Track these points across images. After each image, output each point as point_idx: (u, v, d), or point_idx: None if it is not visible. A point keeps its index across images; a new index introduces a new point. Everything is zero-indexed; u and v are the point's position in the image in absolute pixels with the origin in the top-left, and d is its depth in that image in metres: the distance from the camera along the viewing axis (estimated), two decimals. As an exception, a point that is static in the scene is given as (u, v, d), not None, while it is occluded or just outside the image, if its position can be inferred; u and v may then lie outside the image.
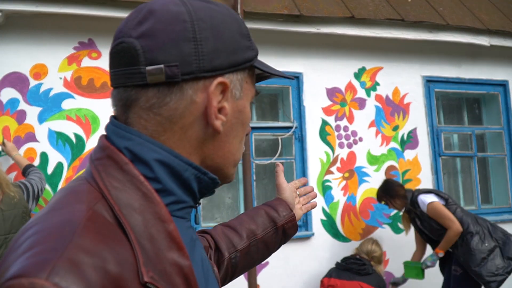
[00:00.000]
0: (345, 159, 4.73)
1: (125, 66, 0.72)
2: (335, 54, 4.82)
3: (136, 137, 0.72)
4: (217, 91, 0.73)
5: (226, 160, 0.80)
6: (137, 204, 0.67)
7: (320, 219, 4.58)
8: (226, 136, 0.78)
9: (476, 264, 3.84)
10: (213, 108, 0.73)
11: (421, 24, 4.82)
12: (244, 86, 0.79)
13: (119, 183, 0.69)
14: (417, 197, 4.10)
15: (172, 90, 0.71)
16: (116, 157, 0.71)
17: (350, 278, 4.00)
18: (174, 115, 0.72)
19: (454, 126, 5.49)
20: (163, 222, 0.68)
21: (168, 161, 0.72)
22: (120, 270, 0.59)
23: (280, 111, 4.85)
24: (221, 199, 4.68)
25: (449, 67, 5.31)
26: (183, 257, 0.68)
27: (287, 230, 1.27)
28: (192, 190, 0.76)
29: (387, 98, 4.99)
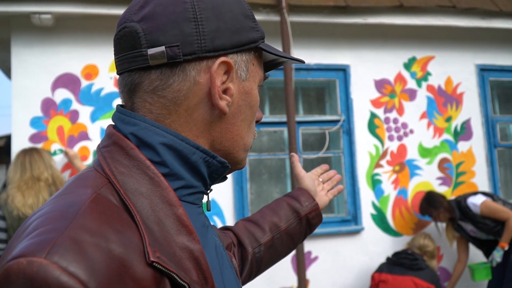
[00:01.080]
0: (395, 152, 4.62)
1: (127, 50, 0.72)
2: (384, 45, 4.71)
3: (141, 121, 0.71)
4: (220, 71, 0.72)
5: (235, 144, 0.78)
6: (144, 188, 0.67)
7: (370, 213, 4.50)
8: (234, 118, 0.77)
9: None
10: (217, 88, 0.72)
11: (473, 10, 4.64)
12: (250, 67, 0.78)
13: (125, 168, 0.68)
14: (466, 201, 4.09)
15: (175, 72, 0.71)
16: (122, 143, 0.71)
17: (402, 273, 3.91)
18: (178, 96, 0.71)
19: (510, 116, 5.26)
20: (171, 206, 0.67)
21: (174, 145, 0.71)
22: (124, 250, 0.58)
23: (327, 105, 4.79)
24: (269, 194, 4.68)
25: (503, 54, 5.09)
26: (193, 241, 0.67)
27: (311, 220, 1.24)
28: (201, 174, 0.75)
29: (439, 88, 4.83)
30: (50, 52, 3.95)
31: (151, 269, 0.60)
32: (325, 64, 4.51)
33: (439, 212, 4.16)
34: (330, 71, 4.57)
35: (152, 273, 0.60)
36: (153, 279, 0.60)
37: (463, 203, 4.09)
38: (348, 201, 4.46)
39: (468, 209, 4.05)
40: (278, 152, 4.50)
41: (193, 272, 0.65)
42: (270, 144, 4.64)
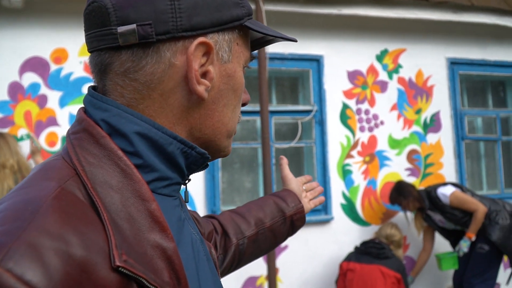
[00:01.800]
0: (366, 143, 4.68)
1: (97, 27, 0.66)
2: (357, 36, 4.74)
3: (114, 107, 0.66)
4: (198, 53, 0.66)
5: (216, 131, 0.72)
6: (114, 181, 0.62)
7: (340, 203, 4.56)
8: (214, 103, 0.70)
9: (507, 238, 4.01)
10: (194, 72, 0.66)
11: (445, 4, 4.70)
12: (234, 48, 0.71)
13: (95, 158, 0.63)
14: (436, 191, 4.17)
15: (148, 53, 0.65)
16: (92, 130, 0.65)
17: (370, 262, 3.99)
18: (152, 80, 0.66)
19: (478, 109, 5.38)
20: (144, 201, 0.62)
21: (149, 134, 0.66)
22: (86, 254, 0.53)
23: (300, 95, 4.81)
24: (240, 183, 4.69)
25: (474, 48, 5.19)
26: (167, 239, 0.62)
27: (295, 222, 1.24)
28: (178, 165, 0.69)
29: (410, 80, 4.90)
30: (19, 34, 3.84)
31: (117, 274, 0.56)
32: (299, 54, 4.51)
33: (409, 202, 4.24)
34: (304, 61, 4.57)
35: (117, 278, 0.56)
36: (119, 284, 0.56)
37: (433, 193, 4.18)
38: (319, 191, 4.50)
39: (438, 199, 4.15)
40: (250, 141, 4.50)
41: (164, 272, 0.61)
42: (242, 133, 4.63)
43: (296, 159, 4.81)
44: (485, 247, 4.08)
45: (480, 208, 3.99)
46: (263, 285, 4.26)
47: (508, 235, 4.01)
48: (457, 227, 4.25)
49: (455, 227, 4.27)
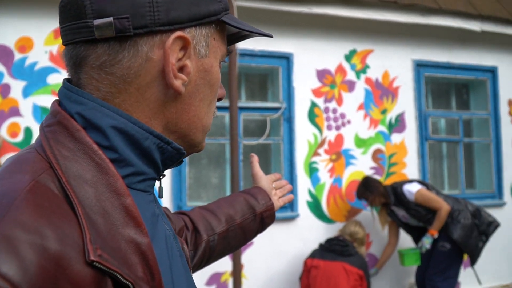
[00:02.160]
0: (333, 141, 4.74)
1: (72, 20, 0.65)
2: (327, 35, 4.78)
3: (90, 101, 0.65)
4: (175, 47, 0.66)
5: (192, 125, 0.73)
6: (89, 175, 0.61)
7: (306, 200, 4.60)
8: (191, 98, 0.71)
9: (468, 237, 4.11)
10: (171, 66, 0.66)
11: (413, 7, 4.79)
12: (211, 43, 0.71)
13: (69, 152, 0.62)
14: (402, 188, 4.26)
15: (125, 46, 0.64)
16: (67, 123, 0.64)
17: (333, 259, 4.04)
18: (128, 74, 0.65)
19: (441, 110, 5.51)
20: (119, 196, 0.62)
21: (126, 128, 0.66)
22: (61, 248, 0.53)
23: (269, 92, 4.82)
24: (207, 179, 4.67)
25: (439, 51, 5.30)
26: (141, 234, 0.62)
27: (265, 219, 1.25)
28: (154, 160, 0.69)
29: (376, 81, 4.98)
30: (-19, 21, 3.71)
31: (91, 269, 0.55)
32: (269, 51, 4.52)
33: (375, 197, 4.32)
34: (273, 58, 4.59)
35: (92, 273, 0.55)
36: (93, 279, 0.55)
37: (399, 190, 4.27)
38: (285, 188, 4.53)
39: (403, 196, 4.23)
40: (218, 137, 4.49)
41: (138, 267, 0.60)
42: (211, 128, 4.61)
43: (263, 156, 4.83)
44: (447, 245, 4.19)
45: (444, 206, 4.09)
46: (228, 281, 4.27)
47: (469, 234, 4.13)
48: (420, 223, 4.35)
49: (418, 223, 4.37)
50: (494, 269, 5.35)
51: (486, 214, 4.26)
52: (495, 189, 5.49)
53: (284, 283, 4.48)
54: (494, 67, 5.54)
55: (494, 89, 5.56)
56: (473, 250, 4.17)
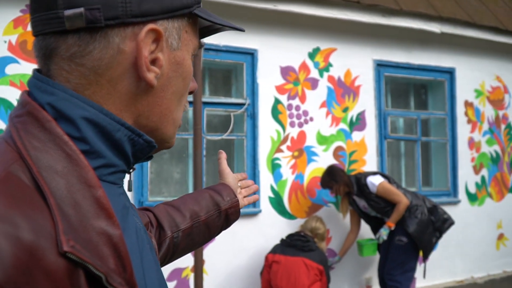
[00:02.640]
0: (296, 138, 4.78)
1: (42, 10, 0.64)
2: (291, 33, 4.81)
3: (61, 91, 0.64)
4: (148, 39, 0.66)
5: (163, 119, 0.72)
6: (59, 166, 0.60)
7: (268, 196, 4.63)
8: (163, 91, 0.70)
9: (423, 233, 4.24)
10: (144, 59, 0.65)
11: (375, 7, 4.88)
12: (183, 35, 0.71)
13: (39, 142, 0.61)
14: (366, 179, 4.35)
15: (95, 38, 0.64)
16: (37, 113, 0.63)
17: (294, 254, 4.09)
18: (100, 66, 0.65)
19: (400, 110, 5.65)
20: (90, 187, 0.61)
21: (97, 120, 0.65)
22: (35, 238, 0.53)
23: (233, 87, 4.82)
24: (169, 174, 4.63)
25: (399, 52, 5.43)
26: (113, 226, 0.61)
27: (230, 215, 1.26)
28: (124, 153, 0.69)
29: (339, 79, 5.05)
30: None
31: (64, 260, 0.55)
32: (234, 47, 4.52)
33: (339, 186, 4.40)
34: (238, 54, 4.59)
35: (65, 264, 0.55)
36: (66, 270, 0.55)
37: (362, 181, 4.37)
38: (248, 184, 4.54)
39: (366, 187, 4.34)
40: (181, 132, 4.46)
41: (110, 259, 0.60)
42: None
43: (226, 151, 4.82)
44: (404, 239, 4.30)
45: (403, 200, 4.21)
46: (189, 277, 4.25)
47: (424, 230, 4.25)
48: (378, 215, 4.47)
49: (376, 214, 4.48)
50: (448, 265, 5.53)
51: (442, 211, 4.40)
52: (450, 187, 5.67)
53: (245, 278, 4.50)
54: (452, 68, 5.72)
55: (452, 90, 5.74)
56: (427, 246, 4.29)
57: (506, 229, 6.00)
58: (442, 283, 5.48)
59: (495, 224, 5.94)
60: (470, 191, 5.77)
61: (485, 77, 5.98)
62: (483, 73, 5.96)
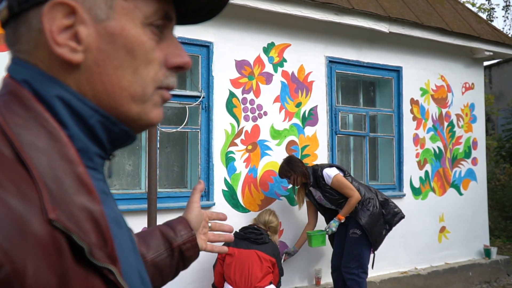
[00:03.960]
0: (250, 132, 4.82)
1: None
2: (246, 27, 4.84)
3: (31, 71, 0.65)
4: (55, 14, 0.62)
5: (112, 97, 0.67)
6: (41, 143, 0.60)
7: (222, 189, 4.64)
8: (99, 66, 0.65)
9: (374, 225, 4.37)
10: (48, 33, 0.62)
11: (328, 5, 4.98)
12: (116, 3, 0.65)
13: (22, 119, 0.61)
14: (322, 171, 4.43)
15: (19, 23, 0.65)
16: (18, 92, 0.63)
17: (248, 247, 4.13)
18: (30, 50, 0.65)
19: (350, 106, 5.80)
20: (71, 164, 0.61)
21: (71, 103, 0.64)
22: (22, 204, 0.54)
23: (188, 80, 4.80)
24: (121, 166, 4.56)
25: (350, 50, 5.57)
26: (93, 202, 0.61)
27: (185, 252, 1.11)
28: (99, 139, 0.67)
29: (292, 75, 5.13)
30: None
31: (50, 227, 0.55)
32: (189, 39, 4.50)
33: (297, 176, 4.46)
34: (193, 46, 4.57)
35: (50, 231, 0.55)
36: (51, 237, 0.55)
37: (319, 172, 4.45)
38: (202, 177, 4.55)
39: (322, 178, 4.42)
40: (134, 124, 4.40)
41: (92, 234, 0.59)
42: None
43: (180, 144, 4.81)
44: (358, 232, 4.43)
45: (355, 195, 4.33)
46: (141, 270, 4.20)
47: (376, 222, 4.39)
48: (333, 207, 4.57)
49: (331, 206, 4.58)
50: (393, 257, 5.74)
51: (394, 205, 4.54)
52: (395, 181, 5.88)
53: (198, 272, 4.50)
54: (399, 67, 5.92)
55: (398, 88, 5.95)
56: (377, 238, 4.43)
57: (447, 222, 6.28)
58: (387, 273, 5.69)
59: (437, 217, 6.21)
60: (415, 185, 6.01)
61: (430, 76, 6.23)
62: (428, 72, 6.21)
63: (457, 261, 6.33)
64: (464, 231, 6.43)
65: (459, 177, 6.47)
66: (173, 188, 4.71)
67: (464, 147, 6.55)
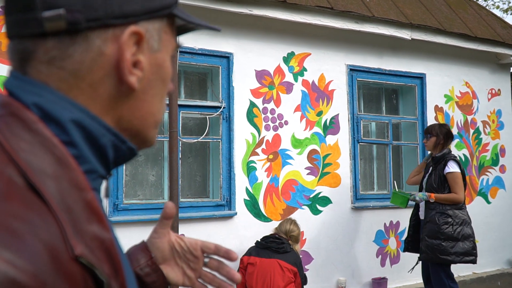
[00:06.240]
0: (271, 141, 4.83)
1: (19, 11, 0.61)
2: (266, 37, 4.87)
3: (48, 93, 0.61)
4: (130, 42, 0.64)
5: (145, 122, 0.70)
6: (50, 169, 0.57)
7: (244, 199, 4.66)
8: (144, 94, 0.68)
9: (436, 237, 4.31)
10: (126, 62, 0.64)
11: (348, 14, 4.98)
12: (163, 37, 0.69)
13: (27, 144, 0.57)
14: (449, 159, 4.44)
15: (76, 40, 0.61)
16: (22, 114, 0.59)
17: (269, 256, 4.13)
18: (80, 69, 0.62)
19: (372, 114, 5.76)
20: (81, 191, 0.59)
21: (85, 123, 0.62)
22: (52, 240, 0.51)
23: (209, 90, 4.85)
24: (144, 176, 4.63)
25: (371, 57, 5.55)
26: (104, 230, 0.59)
27: (144, 278, 0.95)
28: (106, 158, 0.67)
29: (313, 84, 5.13)
30: None
31: (77, 264, 0.54)
32: (209, 50, 4.55)
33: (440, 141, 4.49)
34: (214, 57, 4.62)
35: (78, 268, 0.54)
36: (81, 274, 0.54)
37: (446, 157, 4.45)
38: (223, 187, 4.58)
39: (444, 163, 4.43)
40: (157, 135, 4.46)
41: (105, 264, 0.58)
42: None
43: (202, 154, 4.85)
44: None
45: (461, 196, 4.33)
46: (164, 279, 4.24)
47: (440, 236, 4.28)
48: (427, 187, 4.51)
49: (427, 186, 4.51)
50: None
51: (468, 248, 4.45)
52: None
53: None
54: (423, 74, 5.86)
55: (422, 95, 5.88)
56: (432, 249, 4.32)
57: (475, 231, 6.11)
58: (415, 284, 5.59)
59: (464, 226, 6.08)
60: (440, 193, 5.90)
61: (454, 82, 6.15)
62: (452, 78, 6.13)
63: (485, 270, 6.18)
64: (492, 240, 6.29)
65: (487, 185, 6.35)
66: (196, 198, 4.75)
67: (492, 154, 6.42)
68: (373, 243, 5.43)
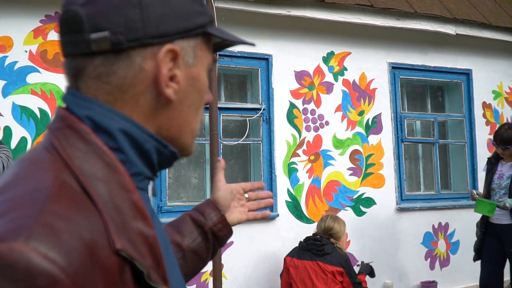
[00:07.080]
0: (311, 142, 4.80)
1: (71, 33, 0.71)
2: (305, 38, 4.85)
3: (97, 106, 0.71)
4: (166, 58, 0.72)
5: (182, 130, 0.79)
6: (100, 174, 0.67)
7: (285, 200, 4.64)
8: (181, 105, 0.77)
9: None
10: (163, 76, 0.72)
11: (389, 11, 4.89)
12: (198, 53, 0.78)
13: (81, 153, 0.68)
14: None
15: (119, 58, 0.70)
16: (77, 126, 0.70)
17: (311, 259, 4.06)
18: (124, 83, 0.71)
19: (417, 113, 5.63)
20: (128, 192, 0.68)
21: (131, 132, 0.72)
22: (93, 237, 0.60)
23: (249, 93, 4.87)
24: (187, 179, 4.69)
25: (414, 54, 5.42)
26: (148, 227, 0.68)
27: (218, 232, 1.16)
28: (151, 162, 0.76)
29: (354, 83, 5.06)
30: (-42, 20, 3.68)
31: (116, 257, 0.62)
32: (248, 53, 4.57)
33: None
34: (253, 59, 4.64)
35: (117, 261, 0.62)
36: (118, 267, 0.62)
37: None
38: (266, 188, 4.55)
39: None
40: (198, 138, 4.52)
41: (147, 257, 0.67)
42: (190, 129, 4.63)
43: (243, 156, 4.87)
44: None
45: None
46: (208, 281, 4.28)
47: None
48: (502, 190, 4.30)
49: (501, 188, 4.32)
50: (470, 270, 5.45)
51: None
52: (470, 189, 5.60)
53: (263, 282, 4.52)
54: (469, 70, 5.68)
55: (469, 91, 5.70)
56: None
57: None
58: (464, 287, 5.41)
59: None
60: (490, 193, 5.69)
61: (502, 78, 5.93)
62: (500, 74, 5.91)
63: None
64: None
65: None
66: (238, 200, 4.76)
67: (545, 151, 6.13)
68: (421, 245, 5.29)
